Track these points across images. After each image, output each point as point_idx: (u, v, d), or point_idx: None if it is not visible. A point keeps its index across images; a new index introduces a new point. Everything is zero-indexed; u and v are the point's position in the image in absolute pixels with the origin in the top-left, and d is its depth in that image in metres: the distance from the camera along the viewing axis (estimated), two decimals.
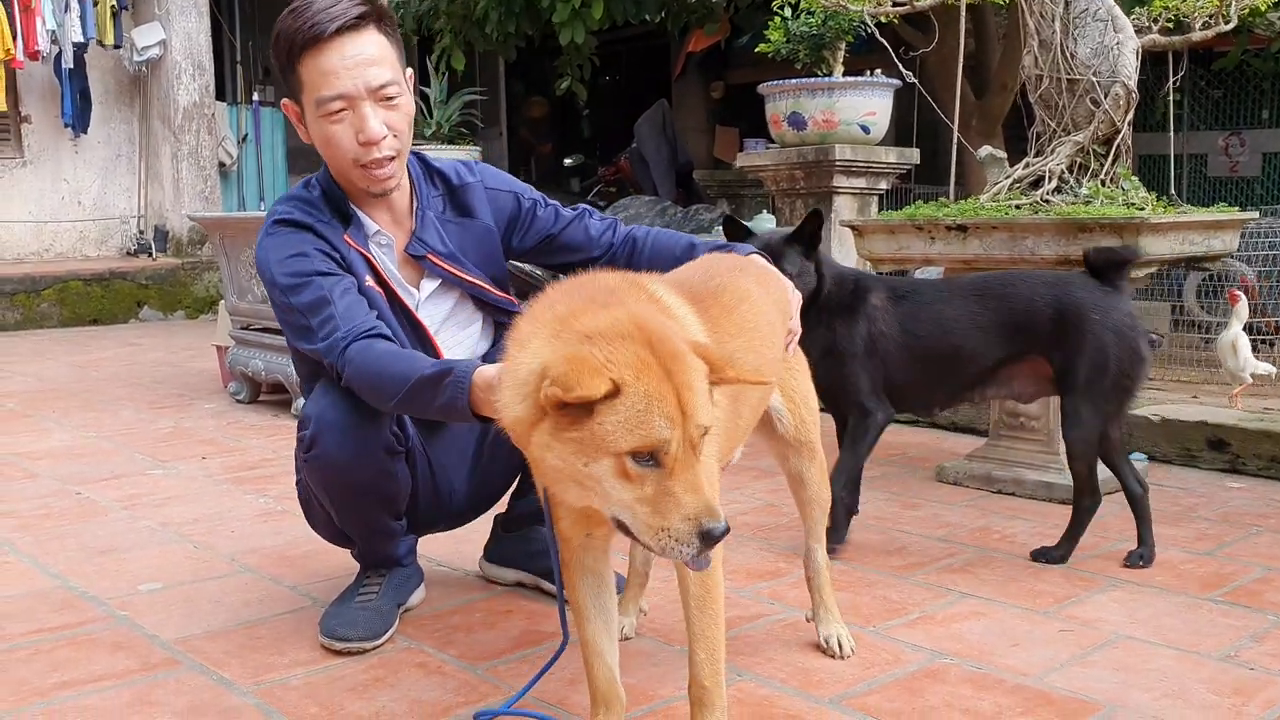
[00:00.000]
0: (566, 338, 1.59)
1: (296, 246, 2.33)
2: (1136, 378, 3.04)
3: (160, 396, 5.90)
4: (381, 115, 2.30)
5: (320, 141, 2.36)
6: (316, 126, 2.34)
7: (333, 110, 2.29)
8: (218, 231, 5.78)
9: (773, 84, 5.48)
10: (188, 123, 10.68)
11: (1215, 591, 2.82)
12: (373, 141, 2.29)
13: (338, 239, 2.37)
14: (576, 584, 1.91)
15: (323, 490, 2.45)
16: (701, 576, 1.87)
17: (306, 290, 2.27)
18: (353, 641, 2.45)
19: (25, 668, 2.38)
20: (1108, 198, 3.53)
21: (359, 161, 2.32)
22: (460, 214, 2.53)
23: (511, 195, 2.58)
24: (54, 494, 3.87)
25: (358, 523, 2.54)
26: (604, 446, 1.53)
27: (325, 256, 2.33)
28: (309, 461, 2.39)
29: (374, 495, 2.45)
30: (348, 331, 2.19)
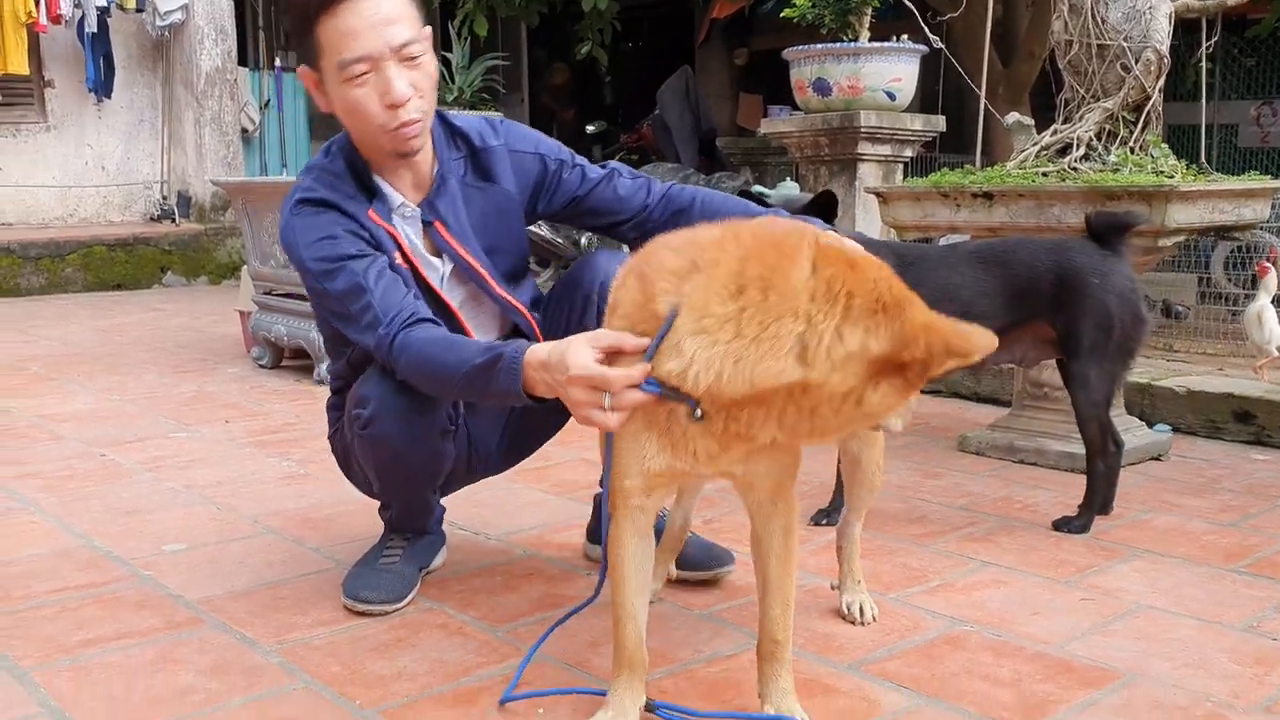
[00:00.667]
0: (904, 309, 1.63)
1: (324, 229, 2.26)
2: (1138, 340, 3.08)
3: (183, 361, 5.93)
4: (406, 75, 2.19)
5: (343, 108, 2.25)
6: (339, 92, 2.22)
7: (356, 73, 2.17)
8: (240, 196, 5.79)
9: (798, 49, 5.44)
10: (210, 88, 10.67)
11: (1238, 562, 2.80)
12: (399, 103, 2.18)
13: (363, 215, 2.30)
14: (627, 543, 1.89)
15: (372, 466, 2.45)
16: (786, 532, 1.89)
17: (340, 276, 2.21)
18: (374, 604, 2.46)
19: (51, 625, 2.41)
20: (1136, 165, 3.49)
21: (387, 127, 2.21)
22: (481, 179, 2.43)
23: (537, 158, 2.46)
24: (79, 456, 3.89)
25: (400, 496, 2.56)
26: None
27: (354, 236, 2.26)
28: (364, 438, 2.36)
29: (423, 475, 2.46)
30: (390, 322, 2.14)
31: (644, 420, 1.78)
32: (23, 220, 10.34)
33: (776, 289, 1.61)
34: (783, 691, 1.94)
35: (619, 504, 1.88)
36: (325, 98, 2.29)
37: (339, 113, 2.29)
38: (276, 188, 5.45)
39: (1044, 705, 2.05)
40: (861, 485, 2.40)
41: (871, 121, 5.30)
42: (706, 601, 2.54)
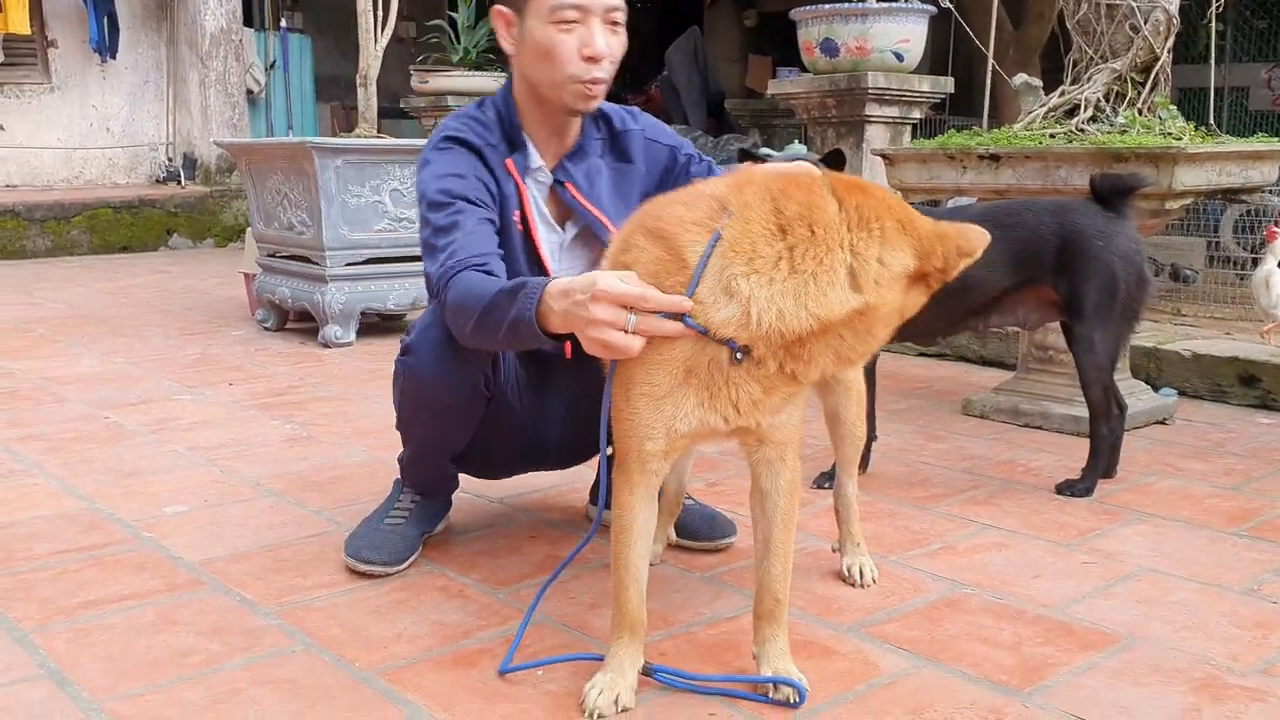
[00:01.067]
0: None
1: (456, 167, 2.30)
2: (1142, 301, 3.07)
3: (188, 323, 5.93)
4: (607, 36, 2.25)
5: (537, 51, 2.27)
6: (541, 32, 2.24)
7: (566, 18, 2.22)
8: (244, 158, 5.76)
9: (805, 9, 5.38)
10: (215, 49, 10.61)
11: (1240, 526, 2.79)
12: (599, 58, 2.23)
13: (499, 163, 2.35)
14: (635, 506, 1.88)
15: (401, 394, 2.44)
16: (791, 489, 1.92)
17: (447, 212, 2.23)
18: (376, 565, 2.47)
19: (51, 587, 2.41)
20: (1144, 127, 3.46)
21: (578, 77, 2.25)
22: (618, 158, 2.49)
23: (669, 150, 2.52)
24: (83, 418, 3.90)
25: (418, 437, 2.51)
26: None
27: (481, 186, 2.30)
28: (401, 364, 2.39)
29: (445, 424, 2.42)
30: (459, 261, 2.14)
31: (682, 376, 1.76)
32: (28, 182, 10.32)
33: (820, 224, 1.69)
34: (780, 652, 1.94)
35: (635, 468, 1.86)
36: (515, 40, 2.32)
37: (528, 56, 2.30)
38: (281, 150, 5.43)
39: (1043, 668, 2.04)
40: (844, 440, 2.40)
41: (879, 83, 5.25)
42: (707, 564, 2.54)
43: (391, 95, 10.99)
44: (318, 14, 12.76)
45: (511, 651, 2.04)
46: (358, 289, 5.28)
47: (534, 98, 2.35)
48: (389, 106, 10.44)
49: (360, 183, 5.21)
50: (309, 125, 12.06)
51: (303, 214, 5.27)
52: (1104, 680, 2.00)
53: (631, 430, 1.83)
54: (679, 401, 1.78)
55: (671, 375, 1.77)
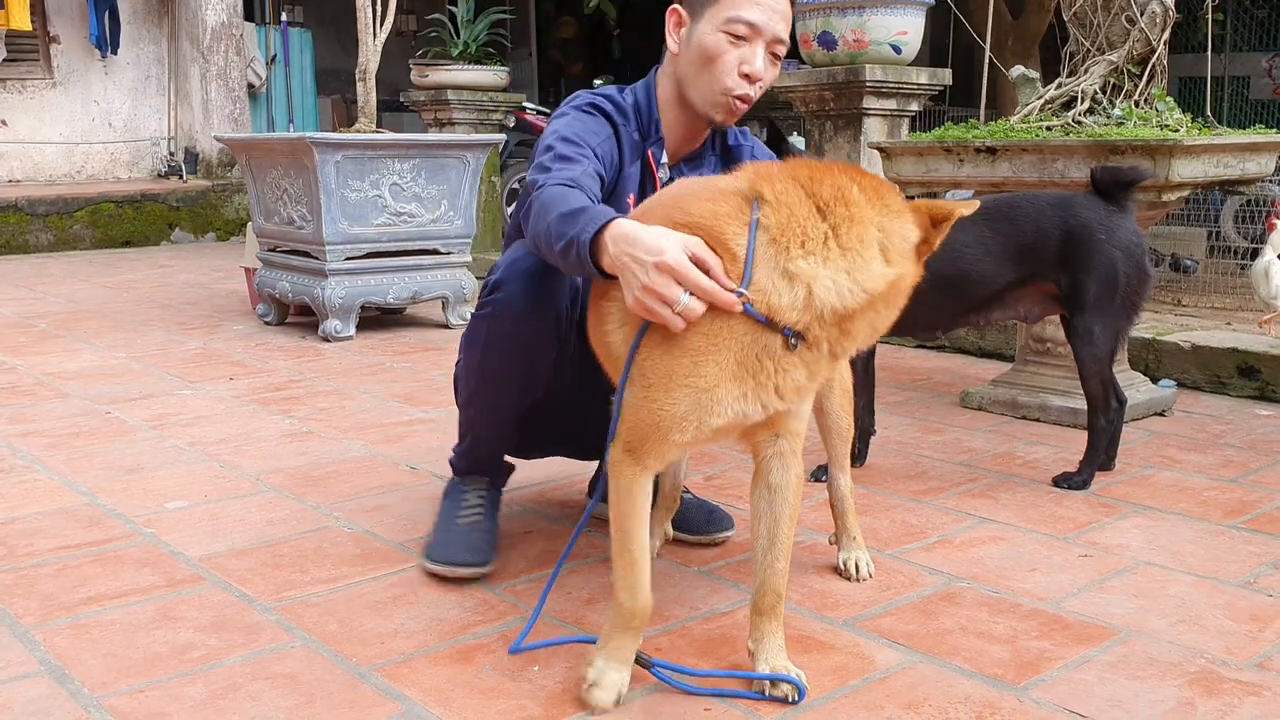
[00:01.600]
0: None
1: (592, 127, 2.35)
2: (1143, 294, 3.08)
3: (190, 318, 5.94)
4: (765, 62, 2.31)
5: (702, 55, 2.32)
6: (711, 38, 2.30)
7: (738, 32, 2.28)
8: (245, 153, 5.77)
9: (803, 2, 5.37)
10: (216, 43, 10.62)
11: (1238, 519, 2.80)
12: (754, 78, 2.31)
13: (633, 153, 2.40)
14: (645, 488, 1.89)
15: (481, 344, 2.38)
16: (799, 487, 1.95)
17: (574, 149, 2.26)
18: (474, 565, 2.42)
19: (52, 582, 2.43)
20: (1141, 119, 3.46)
21: (730, 91, 2.31)
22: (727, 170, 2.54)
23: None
24: (84, 413, 3.91)
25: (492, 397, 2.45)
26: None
27: (609, 153, 2.35)
28: (483, 307, 2.36)
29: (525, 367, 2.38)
30: (563, 177, 2.15)
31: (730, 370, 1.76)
32: (30, 177, 10.34)
33: (851, 203, 1.77)
34: (777, 648, 1.95)
35: (652, 455, 1.85)
36: (680, 40, 2.38)
37: (689, 58, 2.35)
38: (281, 145, 5.43)
39: (1038, 662, 2.05)
40: (832, 432, 2.42)
41: (876, 76, 5.24)
42: (704, 558, 2.54)
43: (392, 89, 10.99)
44: (318, 7, 12.76)
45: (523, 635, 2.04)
46: (358, 283, 5.29)
47: (679, 100, 2.41)
48: (389, 100, 10.44)
49: (360, 177, 5.22)
50: (310, 119, 12.07)
51: (302, 209, 5.28)
52: (1099, 674, 2.01)
53: (662, 420, 1.81)
54: (720, 396, 1.78)
55: (720, 368, 1.76)
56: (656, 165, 2.43)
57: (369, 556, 2.58)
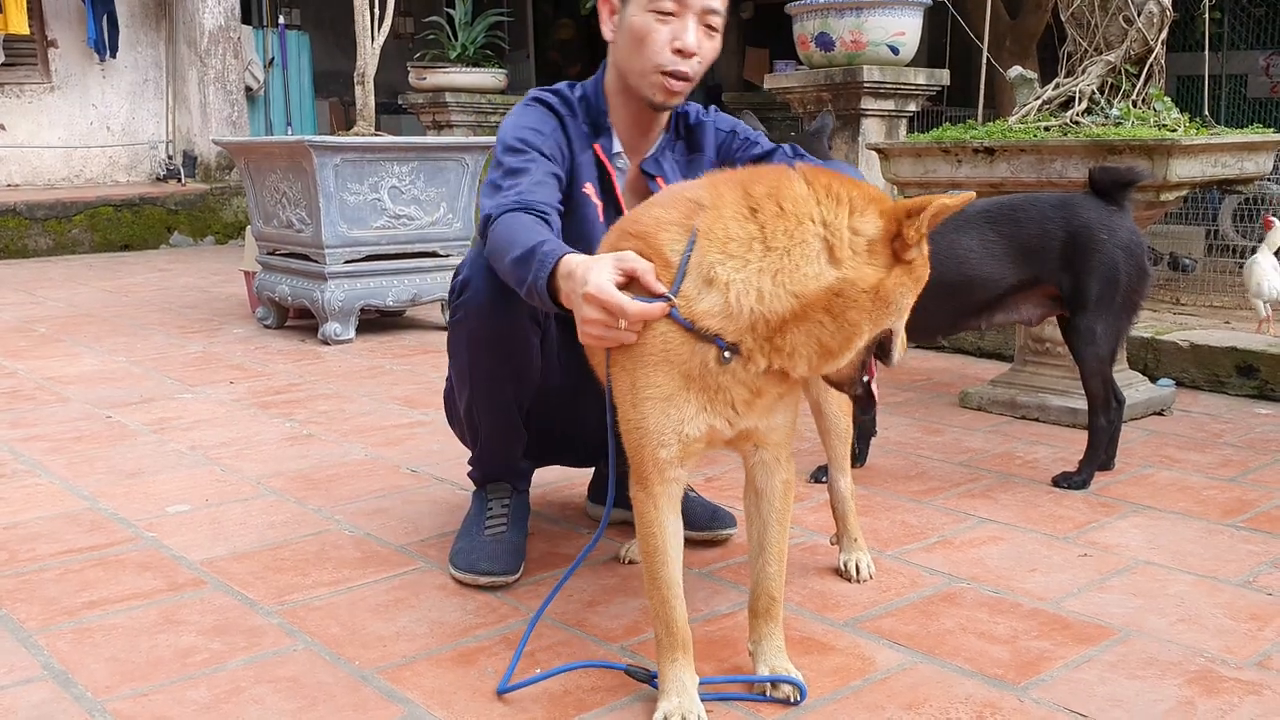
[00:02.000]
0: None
1: (539, 123, 2.35)
2: (1143, 293, 3.10)
3: (189, 322, 5.94)
4: (699, 35, 2.28)
5: (632, 36, 2.30)
6: (639, 19, 2.28)
7: (664, 10, 2.26)
8: (243, 156, 5.78)
9: (800, 4, 5.39)
10: (213, 46, 10.62)
11: (1237, 518, 2.81)
12: (687, 52, 2.26)
13: (581, 143, 2.39)
14: (665, 523, 1.85)
15: (465, 347, 2.39)
16: (787, 488, 1.95)
17: (521, 158, 2.27)
18: (495, 575, 2.41)
19: (55, 587, 2.43)
20: (1139, 119, 3.47)
21: (663, 68, 2.27)
22: (690, 150, 2.53)
23: (732, 134, 2.54)
24: (85, 417, 3.92)
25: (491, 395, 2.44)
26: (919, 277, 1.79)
27: (556, 147, 2.34)
28: (456, 311, 2.37)
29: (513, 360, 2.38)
30: (514, 201, 2.16)
31: (679, 381, 1.76)
32: (29, 181, 10.34)
33: (788, 199, 1.70)
34: (777, 650, 1.96)
35: (654, 478, 1.83)
36: (614, 24, 2.36)
37: (622, 40, 2.34)
38: (279, 148, 5.44)
39: (1038, 662, 2.06)
40: (831, 434, 2.42)
41: (874, 76, 5.26)
42: (704, 560, 2.55)
43: (390, 91, 10.99)
44: (316, 10, 12.77)
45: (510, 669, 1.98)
46: (357, 286, 5.29)
47: (622, 88, 2.39)
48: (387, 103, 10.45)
49: (359, 180, 5.22)
50: (308, 121, 12.08)
51: (301, 212, 5.29)
52: (1099, 673, 2.01)
53: (644, 440, 1.81)
54: (683, 405, 1.77)
55: (670, 377, 1.76)
56: (609, 157, 2.41)
57: (370, 559, 2.58)
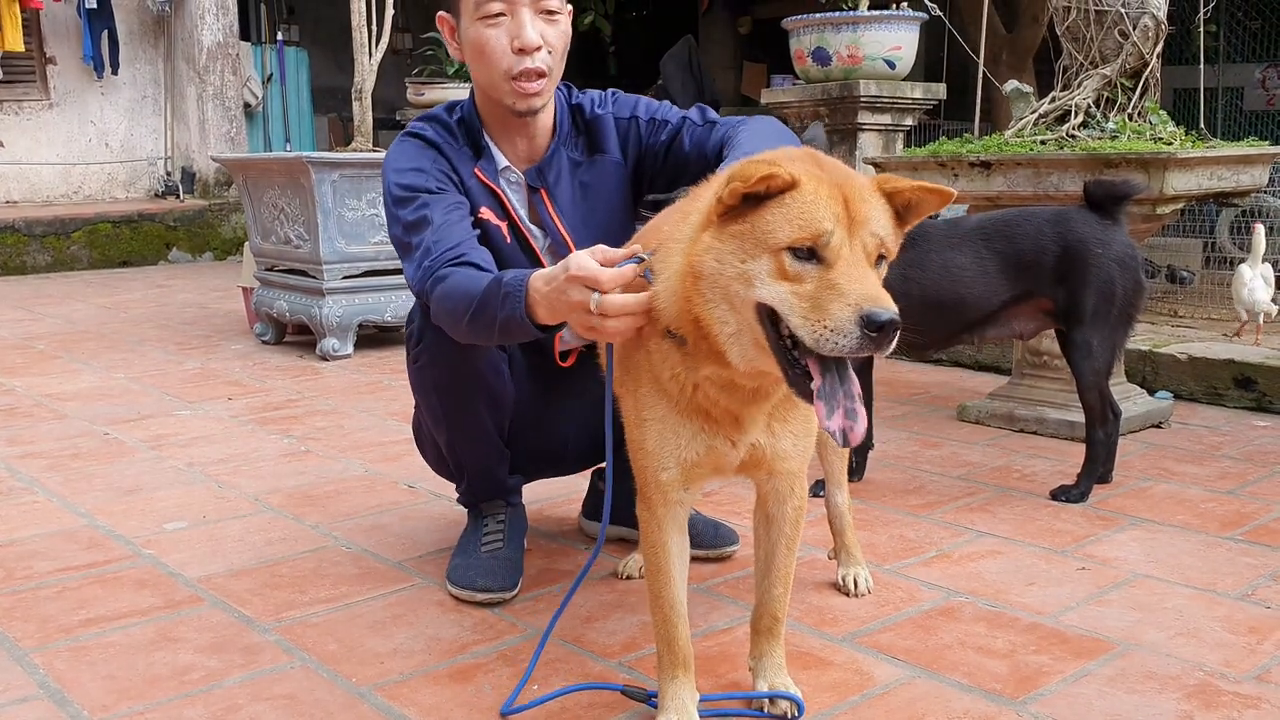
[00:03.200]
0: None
1: (417, 160, 2.28)
2: (1138, 306, 3.11)
3: (188, 338, 5.94)
4: (539, 26, 2.22)
5: (473, 50, 2.26)
6: (472, 31, 2.23)
7: (492, 13, 2.20)
8: (241, 173, 5.78)
9: (797, 19, 5.40)
10: (212, 63, 10.64)
11: (1235, 530, 2.80)
12: (528, 48, 2.20)
13: (466, 168, 2.32)
14: (668, 543, 1.85)
15: (433, 390, 2.38)
16: (798, 515, 1.91)
17: (412, 206, 2.21)
18: (493, 591, 2.40)
19: (52, 605, 2.43)
20: (1135, 132, 3.47)
21: (510, 72, 2.22)
22: (591, 151, 2.43)
23: (634, 122, 2.44)
24: (83, 434, 3.91)
25: (466, 429, 2.43)
26: (765, 241, 1.52)
27: (444, 176, 2.28)
28: (418, 359, 2.36)
29: (483, 392, 2.37)
30: (436, 257, 2.10)
31: (671, 404, 1.75)
32: (27, 198, 10.35)
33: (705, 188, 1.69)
34: (777, 666, 1.96)
35: (657, 500, 1.83)
36: (457, 43, 2.31)
37: (469, 57, 2.29)
38: (277, 165, 5.45)
39: (1036, 676, 2.05)
40: (827, 448, 2.42)
41: (871, 91, 5.27)
42: (702, 575, 2.55)
43: (388, 107, 11.01)
44: (314, 27, 12.80)
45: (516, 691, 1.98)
46: (355, 301, 5.29)
47: (487, 102, 2.34)
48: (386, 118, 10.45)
49: (357, 196, 5.23)
50: (306, 137, 12.09)
51: (300, 228, 5.29)
52: (1097, 688, 2.01)
53: (646, 462, 1.81)
54: (679, 428, 1.76)
55: (663, 399, 1.76)
56: (493, 178, 2.35)
57: (367, 576, 2.58)
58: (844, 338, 1.45)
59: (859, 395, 1.53)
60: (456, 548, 2.56)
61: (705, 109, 2.45)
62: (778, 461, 1.83)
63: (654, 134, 2.42)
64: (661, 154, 2.42)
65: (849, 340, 1.44)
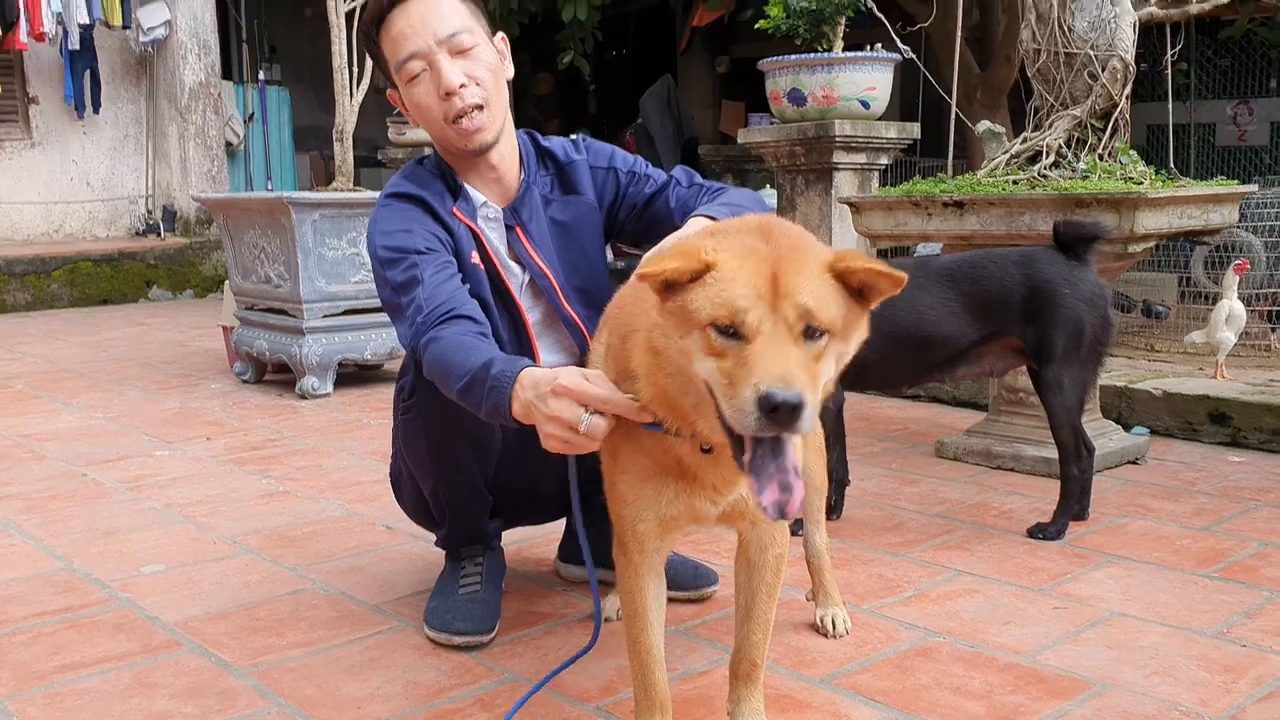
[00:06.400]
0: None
1: (403, 222, 2.30)
2: (1107, 344, 3.14)
3: (167, 377, 5.93)
4: (459, 65, 2.26)
5: (414, 111, 2.34)
6: (407, 96, 2.32)
7: (413, 73, 2.27)
8: (222, 212, 5.79)
9: (772, 60, 5.45)
10: (194, 102, 10.68)
11: (1211, 567, 2.82)
12: (452, 91, 2.25)
13: (446, 211, 2.35)
14: (645, 589, 1.86)
15: (422, 441, 2.39)
16: (779, 563, 1.90)
17: (401, 267, 2.23)
18: (469, 634, 2.40)
19: (26, 651, 2.41)
20: (1106, 172, 3.52)
21: (448, 117, 2.28)
22: (565, 191, 2.49)
23: (611, 172, 2.51)
24: (60, 475, 3.90)
25: (452, 478, 2.43)
26: (692, 318, 1.52)
27: (431, 235, 2.29)
28: (408, 410, 2.37)
29: (471, 443, 2.37)
30: (427, 315, 2.12)
31: (656, 465, 1.76)
32: (8, 237, 10.33)
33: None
34: (755, 711, 1.95)
35: (633, 548, 1.84)
36: (405, 109, 2.39)
37: (415, 120, 2.37)
38: (258, 204, 5.46)
39: (1014, 717, 2.06)
40: (807, 487, 2.39)
41: (846, 131, 5.32)
42: (681, 616, 2.55)
43: (370, 145, 11.05)
44: (295, 66, 12.86)
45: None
46: (335, 340, 5.30)
47: (446, 152, 2.41)
48: (367, 157, 10.49)
49: (337, 235, 5.24)
50: (288, 175, 12.12)
51: (280, 267, 5.30)
52: None
53: (623, 511, 1.82)
54: (661, 487, 1.77)
55: (644, 460, 1.77)
56: (471, 218, 2.38)
57: (345, 619, 2.57)
58: (746, 417, 1.43)
59: (795, 468, 1.50)
60: (434, 590, 2.56)
61: (691, 172, 2.52)
62: (758, 515, 1.82)
63: (635, 186, 2.49)
64: (641, 206, 2.49)
65: (750, 420, 1.43)
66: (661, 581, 1.90)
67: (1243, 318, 4.43)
